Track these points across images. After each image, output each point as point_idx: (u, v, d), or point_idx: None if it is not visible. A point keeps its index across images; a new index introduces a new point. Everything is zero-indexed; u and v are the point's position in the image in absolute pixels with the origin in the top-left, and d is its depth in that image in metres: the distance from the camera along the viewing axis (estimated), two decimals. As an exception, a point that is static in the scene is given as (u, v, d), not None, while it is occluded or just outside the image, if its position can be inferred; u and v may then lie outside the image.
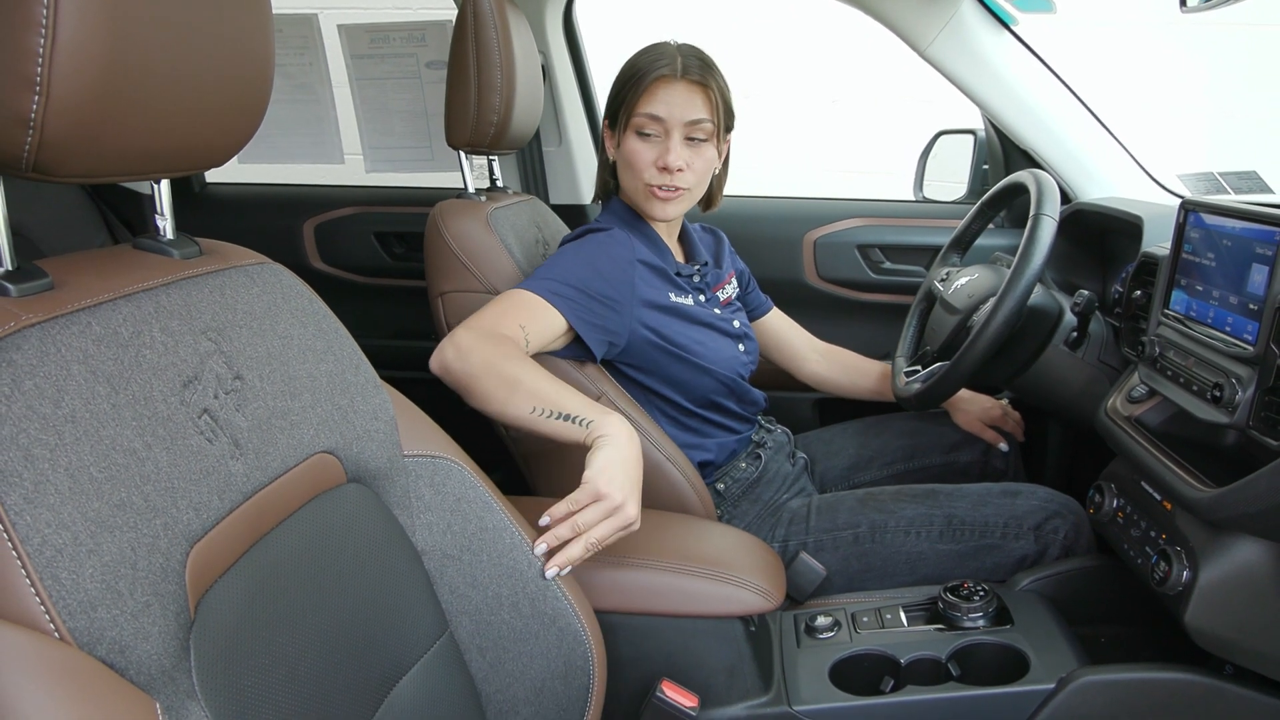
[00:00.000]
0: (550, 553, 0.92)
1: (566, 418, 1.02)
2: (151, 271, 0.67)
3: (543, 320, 1.14)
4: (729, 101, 1.31)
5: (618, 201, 1.37)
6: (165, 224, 0.72)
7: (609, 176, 1.38)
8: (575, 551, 0.92)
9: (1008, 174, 1.80)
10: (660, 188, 1.28)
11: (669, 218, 1.32)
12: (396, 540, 0.85)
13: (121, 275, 0.64)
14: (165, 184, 0.71)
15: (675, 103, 1.25)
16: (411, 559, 0.86)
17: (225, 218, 2.16)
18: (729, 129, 1.34)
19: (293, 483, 0.72)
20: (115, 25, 0.55)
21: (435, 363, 1.08)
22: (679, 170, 1.27)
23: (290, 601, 0.69)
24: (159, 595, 0.55)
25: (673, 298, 1.31)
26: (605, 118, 1.35)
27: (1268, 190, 1.64)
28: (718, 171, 1.38)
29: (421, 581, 0.87)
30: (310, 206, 2.13)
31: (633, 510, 0.96)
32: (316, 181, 2.18)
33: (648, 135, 1.27)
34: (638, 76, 1.26)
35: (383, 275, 2.14)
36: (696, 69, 1.26)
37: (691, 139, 1.27)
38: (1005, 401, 1.60)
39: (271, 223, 2.14)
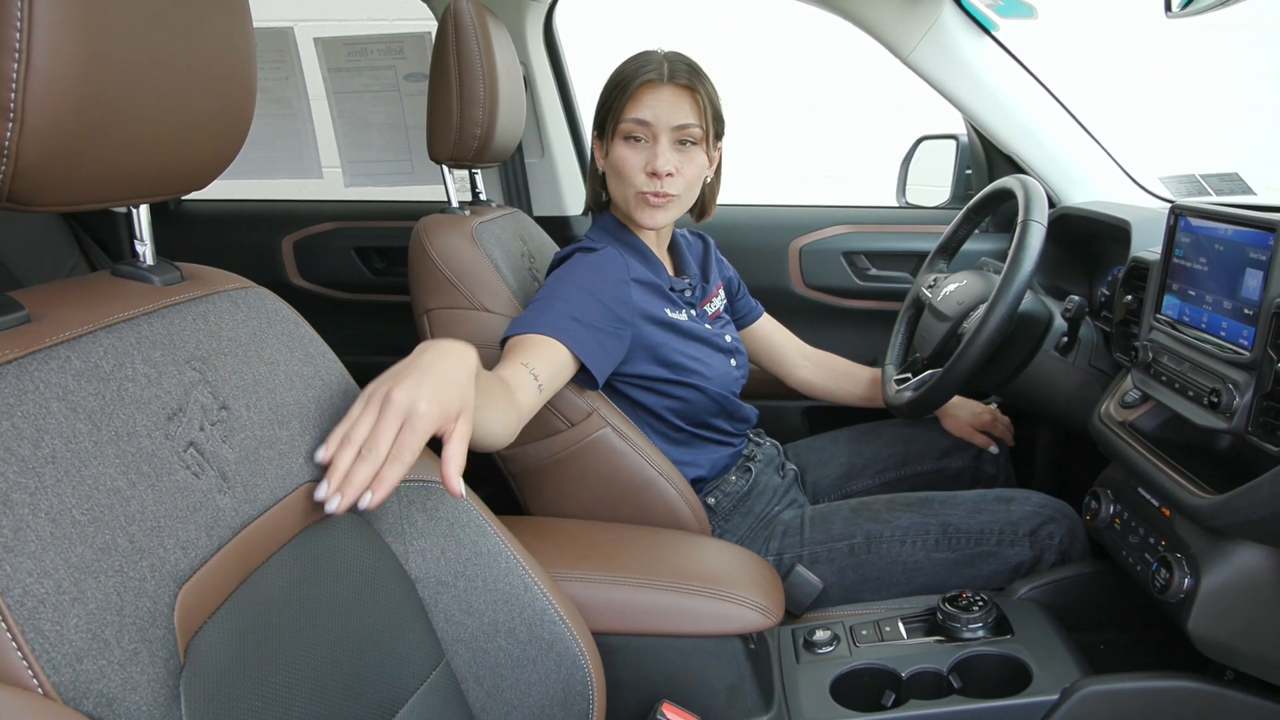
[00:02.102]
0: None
1: None
2: (132, 300, 0.64)
3: (547, 356, 1.09)
4: (718, 107, 1.29)
5: (608, 216, 1.35)
6: (145, 250, 0.70)
7: (600, 188, 1.36)
8: (362, 473, 0.71)
9: (991, 179, 1.80)
10: (652, 194, 1.25)
11: (659, 225, 1.29)
12: (389, 569, 0.82)
13: (101, 305, 0.62)
14: (145, 209, 0.68)
15: (662, 107, 1.23)
16: (405, 587, 0.84)
17: (201, 235, 2.13)
18: (719, 135, 1.32)
19: (282, 514, 0.70)
20: (92, 48, 0.53)
21: None
22: (668, 175, 1.24)
23: (282, 639, 0.67)
24: (147, 641, 0.53)
25: (669, 313, 1.29)
26: (594, 128, 1.32)
27: (1249, 192, 1.65)
28: (710, 179, 1.36)
29: (416, 610, 0.84)
30: (288, 222, 2.10)
31: (402, 396, 0.73)
32: (294, 197, 2.15)
33: (636, 141, 1.25)
34: (624, 83, 1.24)
35: (364, 291, 2.11)
36: (684, 73, 1.24)
37: (681, 144, 1.25)
38: (994, 406, 1.60)
39: (249, 239, 2.11)
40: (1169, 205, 1.13)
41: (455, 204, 1.42)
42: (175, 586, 0.56)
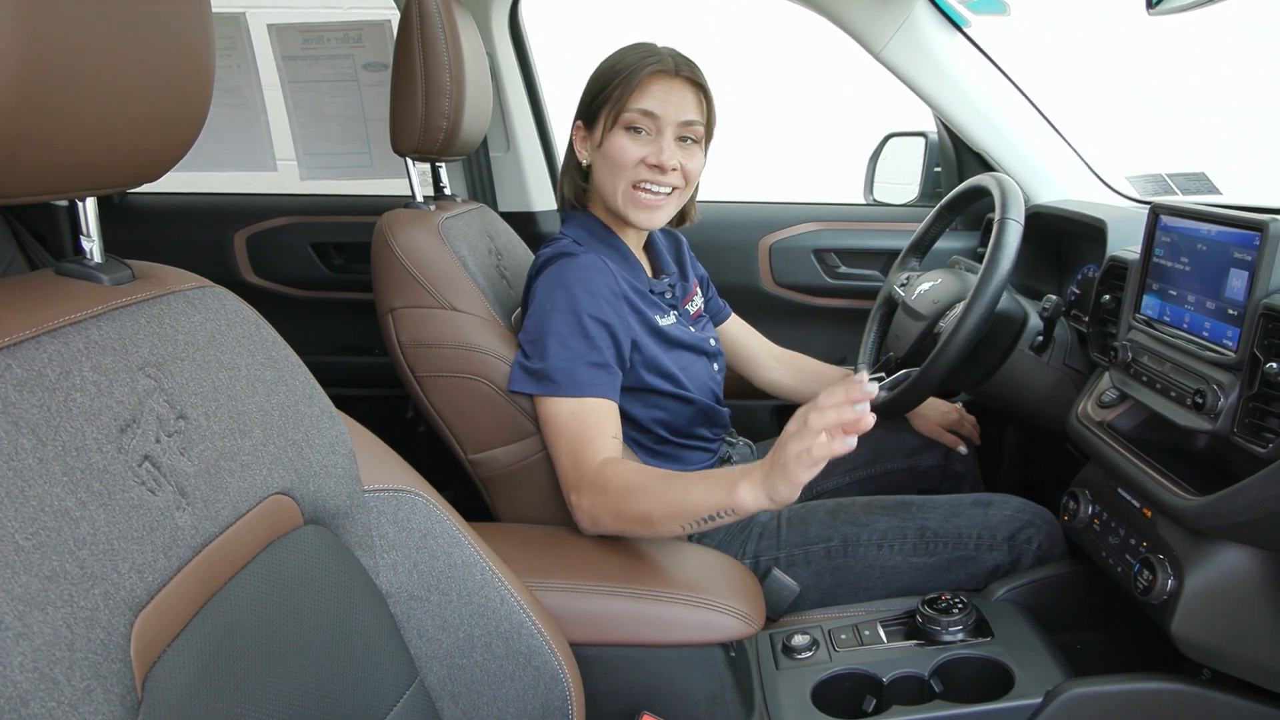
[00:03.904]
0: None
1: (709, 519, 0.97)
2: (79, 301, 0.59)
3: (608, 415, 1.13)
4: (715, 109, 1.25)
5: (587, 215, 1.29)
6: (92, 246, 0.64)
7: (580, 180, 1.29)
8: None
9: (961, 177, 1.80)
10: (648, 186, 1.20)
11: (653, 226, 1.24)
12: (359, 584, 0.78)
13: (44, 307, 0.56)
14: (92, 201, 0.63)
15: (671, 100, 1.18)
16: (376, 603, 0.79)
17: (148, 231, 2.04)
18: (711, 138, 1.28)
19: (246, 530, 0.65)
20: (33, 28, 0.47)
21: (582, 528, 1.11)
22: (672, 169, 1.19)
23: (248, 664, 0.62)
24: (100, 677, 0.48)
25: (659, 320, 1.26)
26: (579, 118, 1.26)
27: (1216, 191, 1.66)
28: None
29: (388, 627, 0.80)
30: (241, 217, 2.02)
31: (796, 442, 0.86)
32: (247, 190, 2.07)
33: (638, 132, 1.19)
34: (628, 72, 1.18)
35: (321, 288, 2.05)
36: (688, 68, 1.20)
37: (683, 140, 1.21)
38: (960, 405, 1.59)
39: (200, 235, 2.03)
40: (1148, 205, 1.13)
41: (420, 198, 1.37)
42: (131, 615, 0.52)
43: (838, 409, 0.83)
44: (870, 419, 0.82)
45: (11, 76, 0.47)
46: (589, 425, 1.11)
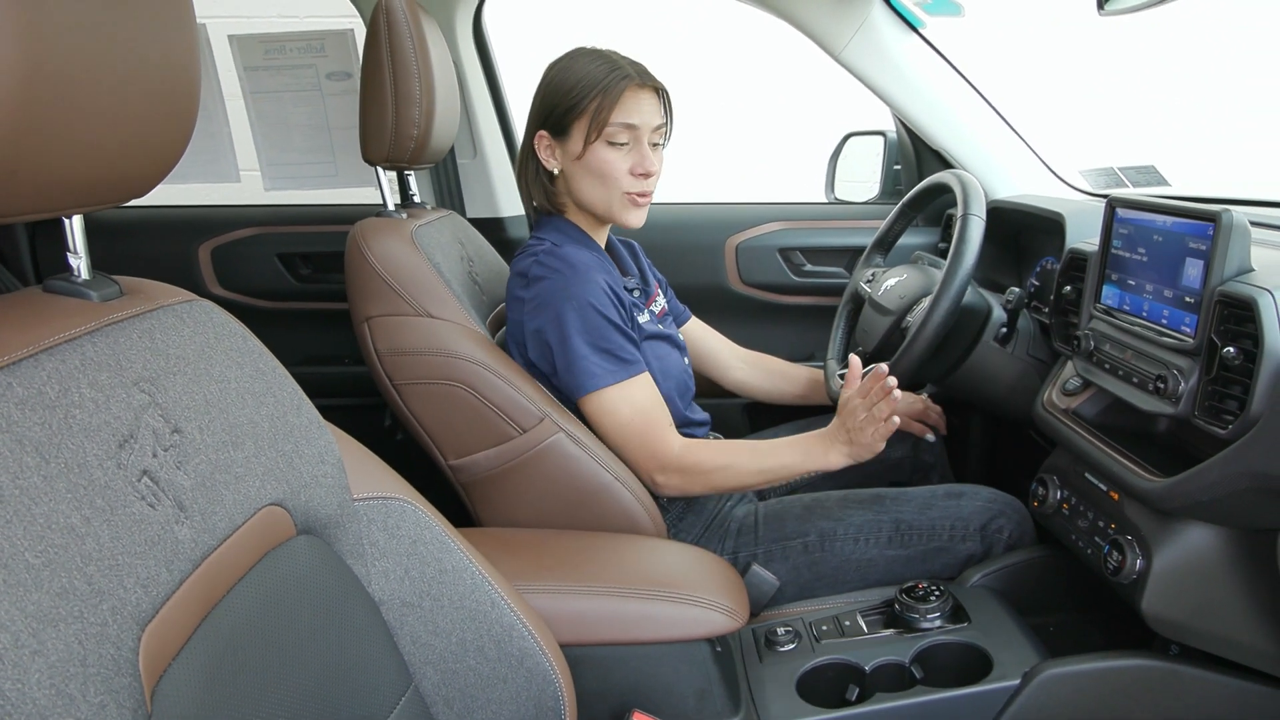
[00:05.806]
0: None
1: (802, 479, 1.27)
2: (71, 319, 0.59)
3: (656, 391, 1.26)
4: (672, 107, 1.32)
5: (561, 220, 1.31)
6: (80, 263, 0.64)
7: (549, 184, 1.30)
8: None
9: (920, 175, 1.84)
10: (638, 195, 1.27)
11: (641, 224, 1.31)
12: (353, 593, 0.78)
13: (38, 325, 0.56)
14: (79, 218, 0.63)
15: (645, 110, 1.24)
16: (369, 611, 0.80)
17: (110, 245, 2.00)
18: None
19: (242, 542, 0.66)
20: (31, 46, 0.48)
21: (664, 494, 1.28)
22: (656, 173, 1.27)
23: (251, 675, 0.63)
24: (113, 691, 0.48)
25: (637, 317, 1.28)
26: (542, 128, 1.27)
27: (1165, 184, 1.72)
28: None
29: (382, 634, 0.80)
30: (205, 229, 2.00)
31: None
32: (210, 202, 2.05)
33: (620, 144, 1.25)
34: (602, 86, 1.22)
35: (289, 299, 2.03)
36: (650, 75, 1.26)
37: (653, 144, 1.28)
38: (925, 396, 1.63)
39: (163, 248, 2.00)
40: (1102, 198, 1.17)
41: (391, 206, 1.37)
42: (138, 629, 0.52)
43: (889, 403, 1.15)
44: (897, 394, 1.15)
45: (13, 100, 0.47)
46: (647, 410, 1.23)
